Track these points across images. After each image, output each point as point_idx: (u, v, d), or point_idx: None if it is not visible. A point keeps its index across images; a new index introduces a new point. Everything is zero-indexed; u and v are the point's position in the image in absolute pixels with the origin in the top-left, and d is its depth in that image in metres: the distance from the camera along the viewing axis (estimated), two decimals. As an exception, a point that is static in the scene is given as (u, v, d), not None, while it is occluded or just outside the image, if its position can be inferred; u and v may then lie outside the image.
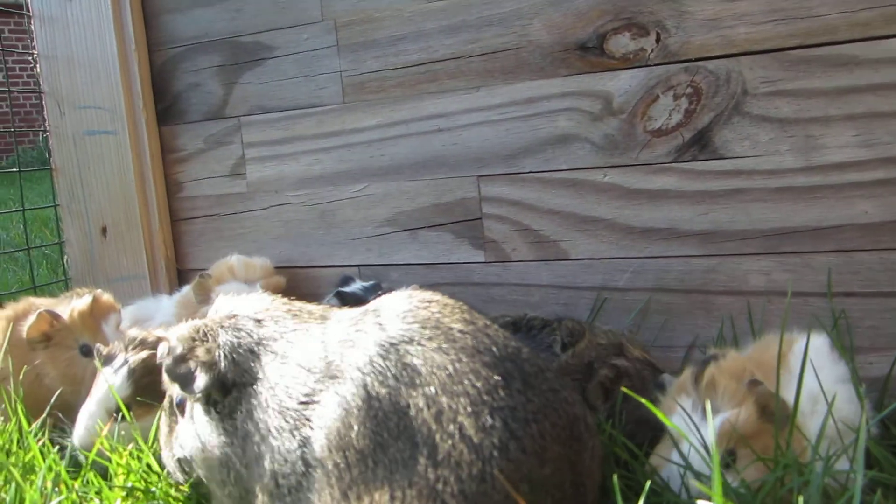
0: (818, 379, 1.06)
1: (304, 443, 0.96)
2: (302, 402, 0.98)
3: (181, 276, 2.04)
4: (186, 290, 1.84)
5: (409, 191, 1.76)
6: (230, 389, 1.04)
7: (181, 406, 1.12)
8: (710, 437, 1.02)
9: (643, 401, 0.97)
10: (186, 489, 1.13)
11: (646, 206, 1.56)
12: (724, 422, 1.04)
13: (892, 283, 1.42)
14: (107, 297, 1.62)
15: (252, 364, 1.05)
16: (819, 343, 1.18)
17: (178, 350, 1.08)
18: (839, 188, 1.43)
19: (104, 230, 2.09)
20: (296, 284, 1.88)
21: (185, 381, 1.05)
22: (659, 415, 0.96)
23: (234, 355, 1.06)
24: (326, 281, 1.86)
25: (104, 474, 1.18)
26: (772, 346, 1.15)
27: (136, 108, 2.03)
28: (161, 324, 1.68)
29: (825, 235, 1.45)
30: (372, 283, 1.71)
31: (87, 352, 1.53)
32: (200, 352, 1.06)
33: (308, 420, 0.96)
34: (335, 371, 0.97)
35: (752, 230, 1.49)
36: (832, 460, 0.99)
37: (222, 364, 1.05)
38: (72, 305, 1.56)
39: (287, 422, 0.98)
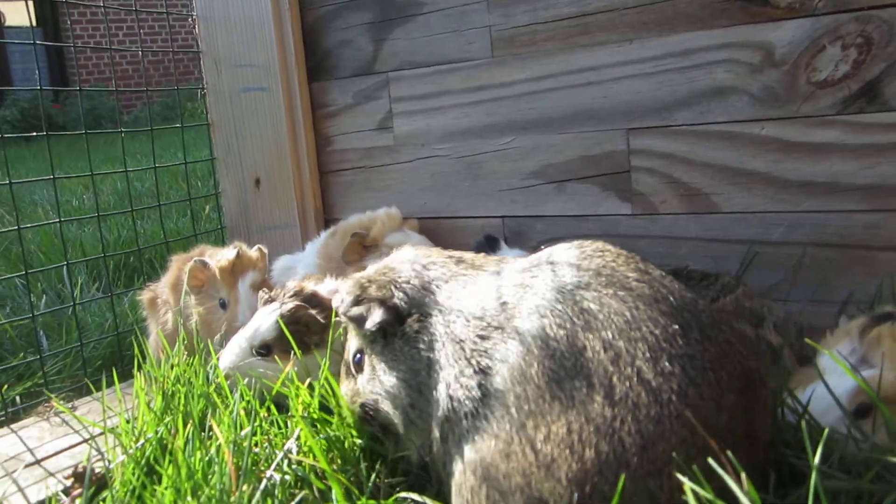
0: None
1: (485, 373, 1.00)
2: (480, 336, 1.02)
3: (328, 225, 2.14)
4: (325, 238, 1.93)
5: (556, 143, 1.79)
6: (405, 319, 1.10)
7: (359, 364, 1.17)
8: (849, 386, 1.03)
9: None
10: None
11: (805, 159, 1.53)
12: (872, 376, 1.03)
13: None
14: (252, 252, 1.72)
15: (426, 299, 1.10)
16: None
17: (352, 295, 1.14)
18: None
19: (257, 182, 2.21)
20: (440, 234, 1.95)
21: (361, 320, 1.11)
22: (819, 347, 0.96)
23: (407, 288, 1.12)
24: (471, 231, 1.92)
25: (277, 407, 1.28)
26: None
27: (288, 65, 2.13)
28: (304, 275, 1.76)
29: None
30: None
31: (223, 304, 1.66)
32: (372, 290, 1.13)
33: (486, 353, 1.01)
34: (512, 311, 1.01)
35: (921, 185, 1.45)
36: None
37: (396, 298, 1.11)
38: (217, 258, 1.69)
39: (465, 352, 1.03)
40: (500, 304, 1.04)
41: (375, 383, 1.13)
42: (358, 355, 1.18)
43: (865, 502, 0.94)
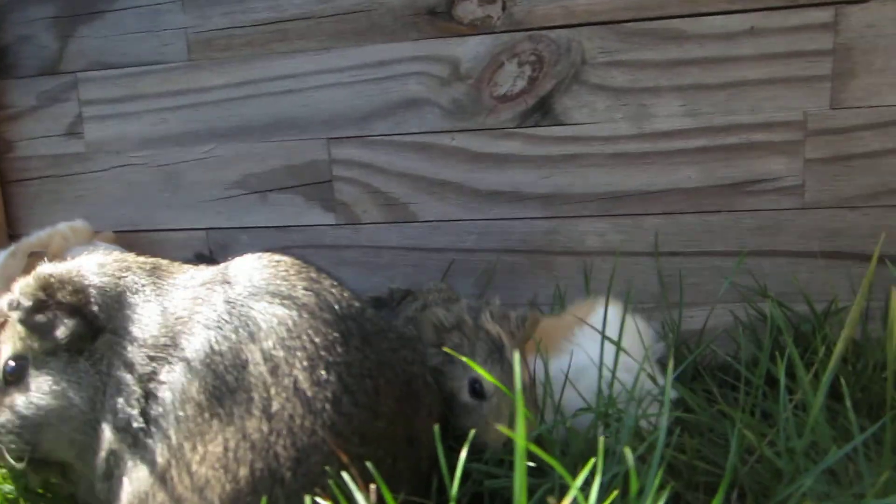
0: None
1: (149, 398, 0.94)
2: (150, 357, 0.96)
3: (13, 241, 1.91)
4: (4, 259, 1.73)
5: (259, 152, 1.73)
6: (97, 335, 1.00)
7: (16, 375, 1.03)
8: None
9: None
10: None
11: (492, 169, 1.61)
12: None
13: (711, 242, 1.54)
14: None
15: (118, 313, 1.01)
16: (617, 309, 1.27)
17: (34, 298, 1.01)
18: (667, 155, 1.53)
19: (-77, 192, 1.92)
20: (140, 248, 1.80)
21: (47, 329, 0.99)
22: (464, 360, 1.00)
23: (102, 298, 1.01)
24: (173, 244, 1.80)
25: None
26: (579, 310, 1.26)
27: (-42, 59, 1.87)
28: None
29: (654, 199, 1.55)
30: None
31: None
32: (63, 295, 1.01)
33: (153, 376, 0.95)
34: (183, 327, 0.97)
35: (589, 193, 1.57)
36: (644, 404, 1.07)
37: (93, 307, 1.01)
38: None
39: (134, 376, 0.96)
40: (175, 320, 0.98)
41: (48, 402, 1.00)
42: (13, 364, 1.03)
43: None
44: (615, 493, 0.87)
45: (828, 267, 1.50)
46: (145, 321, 0.99)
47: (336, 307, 0.97)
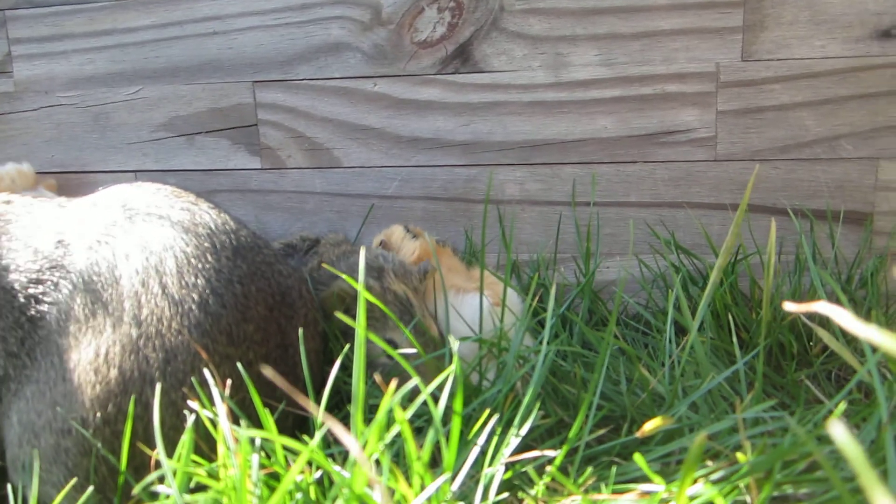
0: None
1: (35, 321, 0.98)
2: (33, 280, 1.00)
3: (-54, 181, 1.92)
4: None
5: (185, 94, 1.73)
6: None
7: None
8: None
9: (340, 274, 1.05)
10: None
11: (413, 116, 1.61)
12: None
13: (626, 193, 1.56)
14: None
15: None
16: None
17: None
18: (583, 104, 1.53)
19: None
20: (70, 191, 1.81)
21: None
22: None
23: None
24: (103, 186, 1.81)
25: None
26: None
27: None
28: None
29: (571, 148, 1.56)
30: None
31: None
32: None
33: (39, 299, 0.99)
34: (67, 248, 1.01)
35: (508, 142, 1.58)
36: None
37: None
38: None
39: (17, 301, 0.99)
40: (58, 242, 1.02)
41: None
42: None
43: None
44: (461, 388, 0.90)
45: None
46: (21, 247, 1.03)
47: (211, 225, 1.01)
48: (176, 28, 1.71)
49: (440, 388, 0.81)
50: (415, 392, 0.97)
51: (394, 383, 0.73)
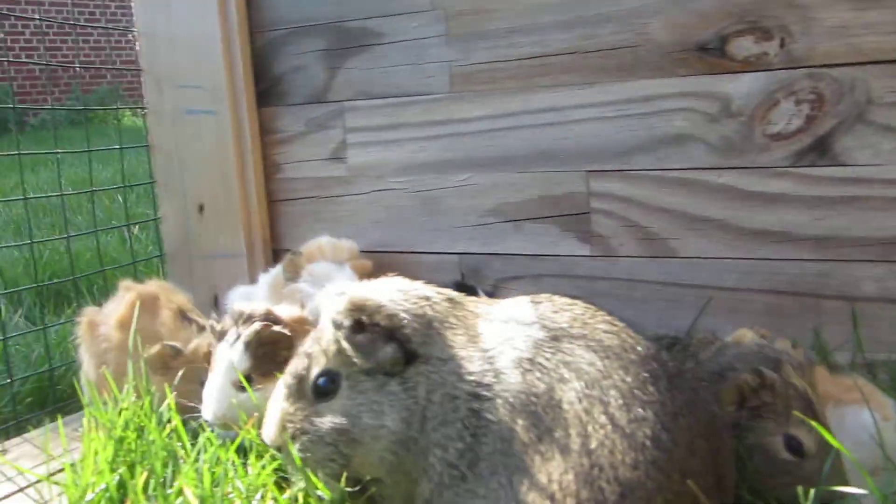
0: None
1: (476, 435, 0.98)
2: (471, 394, 1.00)
3: (276, 256, 2.08)
4: (276, 272, 1.87)
5: (515, 182, 1.79)
6: (411, 360, 1.04)
7: (323, 390, 1.08)
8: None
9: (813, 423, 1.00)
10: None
11: (759, 208, 1.58)
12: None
13: None
14: None
15: (429, 340, 1.05)
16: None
17: (351, 318, 1.05)
18: (961, 200, 1.44)
19: (201, 208, 2.13)
20: (394, 269, 1.91)
21: (369, 350, 1.04)
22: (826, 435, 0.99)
23: (415, 324, 1.05)
24: (426, 267, 1.90)
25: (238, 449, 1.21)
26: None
27: (237, 88, 2.06)
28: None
29: (943, 246, 1.47)
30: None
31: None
32: (379, 318, 1.04)
33: (478, 413, 0.99)
34: (498, 367, 1.01)
35: (868, 237, 1.51)
36: None
37: (408, 331, 1.04)
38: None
39: (460, 412, 1.00)
40: (488, 358, 1.02)
41: (364, 419, 1.05)
42: (324, 379, 1.08)
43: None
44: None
45: None
46: (462, 354, 1.05)
47: (638, 348, 1.00)
48: (510, 119, 1.78)
49: None
50: None
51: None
